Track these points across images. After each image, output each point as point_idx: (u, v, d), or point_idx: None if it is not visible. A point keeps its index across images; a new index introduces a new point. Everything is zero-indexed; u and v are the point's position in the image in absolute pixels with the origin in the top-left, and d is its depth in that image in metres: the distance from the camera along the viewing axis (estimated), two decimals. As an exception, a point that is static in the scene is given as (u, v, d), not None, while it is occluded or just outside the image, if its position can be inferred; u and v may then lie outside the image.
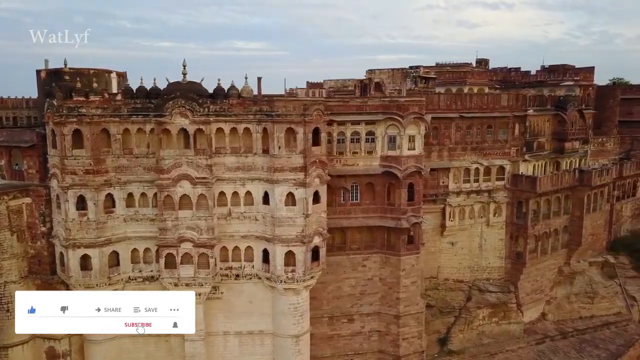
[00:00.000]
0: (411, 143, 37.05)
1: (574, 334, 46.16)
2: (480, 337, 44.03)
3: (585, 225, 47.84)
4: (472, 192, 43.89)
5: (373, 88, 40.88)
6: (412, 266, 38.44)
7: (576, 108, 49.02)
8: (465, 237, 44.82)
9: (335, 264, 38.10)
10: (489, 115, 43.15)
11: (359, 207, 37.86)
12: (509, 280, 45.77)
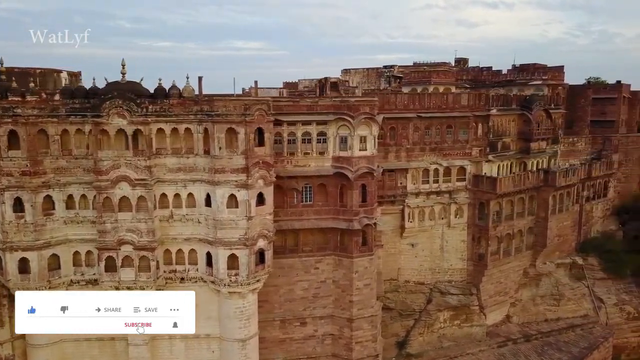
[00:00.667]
0: (363, 144, 36.42)
1: (537, 337, 45.58)
2: (440, 340, 43.46)
3: (551, 226, 47.24)
4: (431, 193, 43.30)
5: (329, 88, 40.24)
6: (366, 268, 37.82)
7: (542, 108, 48.38)
8: (425, 239, 44.22)
9: (287, 266, 37.55)
10: (449, 115, 42.54)
11: (311, 209, 37.25)
12: (472, 283, 45.18)
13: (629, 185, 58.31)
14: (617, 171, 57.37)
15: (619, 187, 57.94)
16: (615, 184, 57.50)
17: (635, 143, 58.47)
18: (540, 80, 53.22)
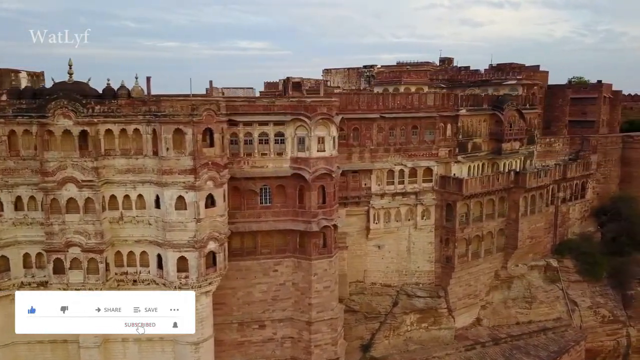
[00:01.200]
0: (321, 144, 35.93)
1: (507, 340, 44.95)
2: (407, 344, 42.92)
3: (522, 228, 46.59)
4: (397, 194, 42.74)
5: (290, 88, 39.76)
6: (325, 270, 37.32)
7: (514, 108, 47.66)
8: (392, 240, 43.69)
9: (245, 268, 37.17)
10: (414, 115, 41.96)
11: (269, 210, 36.79)
12: (439, 285, 44.64)
13: (608, 186, 57.54)
14: (595, 172, 56.61)
15: (597, 188, 57.18)
16: (593, 185, 56.74)
17: (614, 143, 57.70)
18: (514, 80, 52.54)
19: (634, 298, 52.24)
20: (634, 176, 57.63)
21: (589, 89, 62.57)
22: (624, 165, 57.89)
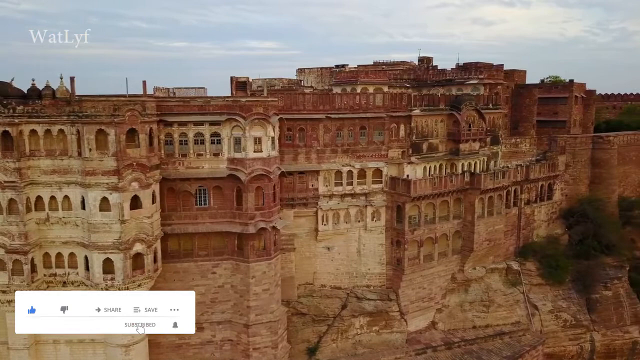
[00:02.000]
0: (257, 145, 35.49)
1: (460, 344, 44.10)
2: (355, 347, 42.25)
3: (478, 230, 45.74)
4: (346, 196, 42.10)
5: (235, 87, 39.28)
6: (264, 273, 36.85)
7: (472, 107, 46.76)
8: (342, 242, 43.05)
9: (182, 270, 36.86)
10: (361, 116, 41.27)
11: (206, 212, 36.43)
12: (391, 288, 43.91)
13: (577, 188, 56.39)
14: (563, 173, 55.49)
15: (566, 190, 56.05)
16: (562, 186, 55.63)
17: (584, 144, 56.50)
18: (476, 80, 51.62)
19: (599, 302, 51.22)
20: (603, 177, 56.46)
21: (560, 89, 61.39)
22: (594, 166, 56.70)
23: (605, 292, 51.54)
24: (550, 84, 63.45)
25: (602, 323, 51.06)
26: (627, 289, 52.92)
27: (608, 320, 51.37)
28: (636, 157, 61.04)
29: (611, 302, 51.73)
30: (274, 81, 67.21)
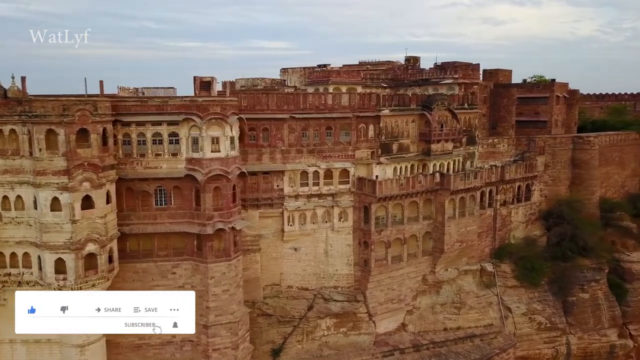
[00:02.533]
0: (215, 145, 35.33)
1: (429, 347, 43.67)
2: (321, 349, 41.97)
3: (449, 231, 45.25)
4: (312, 196, 41.83)
5: (198, 87, 39.09)
6: (223, 274, 36.65)
7: (444, 107, 46.35)
8: (309, 243, 42.77)
9: (142, 270, 36.78)
10: (327, 116, 40.98)
11: (165, 212, 36.33)
12: (359, 289, 43.55)
13: (557, 189, 55.68)
14: (542, 174, 54.83)
15: (546, 191, 55.36)
16: (541, 187, 54.97)
17: (564, 144, 55.76)
18: (451, 79, 51.13)
19: (576, 305, 50.53)
20: (584, 178, 55.70)
21: (541, 89, 60.65)
22: (574, 167, 55.96)
23: (583, 294, 50.83)
24: (532, 84, 62.71)
25: (578, 326, 50.39)
26: (605, 291, 52.15)
27: (585, 323, 50.68)
28: (619, 157, 60.24)
29: (588, 304, 51.02)
30: (257, 81, 67.20)
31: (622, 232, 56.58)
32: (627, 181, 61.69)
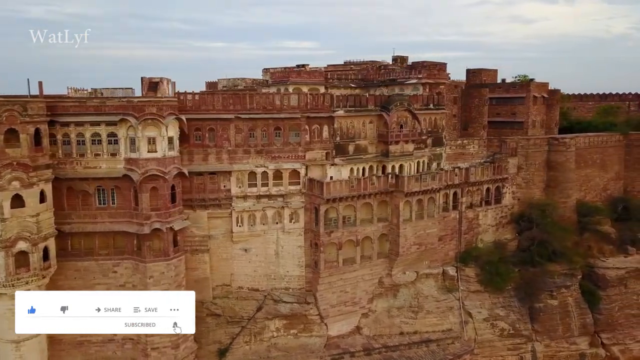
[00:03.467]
0: (152, 145, 35.65)
1: (381, 351, 43.03)
2: (269, 350, 41.79)
3: (405, 234, 44.46)
4: (262, 197, 41.63)
5: (146, 88, 39.43)
6: (162, 273, 36.93)
7: (404, 108, 45.55)
8: (259, 244, 42.61)
9: (83, 269, 37.40)
10: (275, 116, 40.75)
11: (105, 212, 36.87)
12: (310, 291, 43.18)
13: (530, 191, 54.12)
14: (515, 176, 53.42)
15: (519, 194, 53.90)
16: (513, 189, 53.56)
17: (538, 146, 54.18)
18: (415, 79, 50.26)
19: (543, 311, 49.06)
20: (559, 181, 54.03)
21: (518, 89, 59.07)
22: (549, 169, 54.36)
23: (551, 301, 49.32)
24: (508, 84, 61.11)
25: (545, 333, 48.92)
26: (576, 298, 50.48)
27: (553, 330, 49.14)
28: (600, 160, 58.22)
29: (557, 311, 49.47)
30: (237, 81, 67.33)
31: (599, 237, 54.66)
32: (609, 184, 59.53)
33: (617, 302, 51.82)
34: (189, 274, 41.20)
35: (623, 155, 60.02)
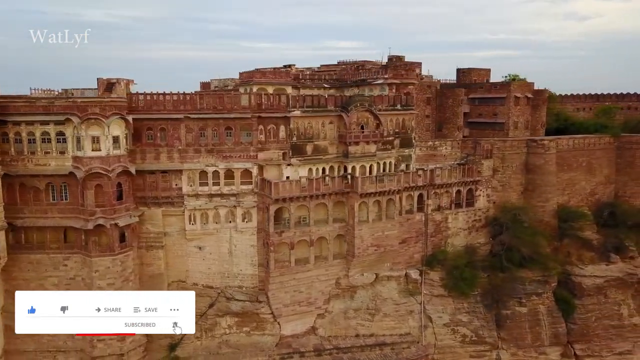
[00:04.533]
0: (96, 144, 36.92)
1: (332, 352, 42.90)
2: (220, 347, 42.42)
3: (361, 235, 44.12)
4: (215, 196, 42.28)
5: (102, 89, 40.86)
6: (108, 268, 38.19)
7: (364, 109, 45.16)
8: (213, 242, 43.28)
9: (36, 261, 39.14)
10: (225, 116, 41.30)
11: (55, 207, 38.44)
12: (263, 290, 43.52)
13: (507, 195, 52.44)
14: (490, 178, 51.91)
15: (494, 197, 52.35)
16: (488, 192, 52.06)
17: (515, 148, 52.45)
18: (382, 80, 49.65)
19: (510, 318, 47.48)
20: (537, 184, 52.11)
21: (499, 88, 57.22)
22: (528, 171, 52.53)
23: (519, 308, 47.69)
24: (490, 84, 59.25)
25: (513, 341, 47.38)
26: (549, 306, 48.58)
27: (521, 339, 47.55)
28: (587, 163, 55.69)
29: (526, 319, 47.79)
30: (227, 81, 68.35)
31: (580, 244, 52.35)
32: (598, 189, 56.83)
33: (594, 312, 49.52)
34: (144, 270, 42.53)
35: (614, 158, 57.14)
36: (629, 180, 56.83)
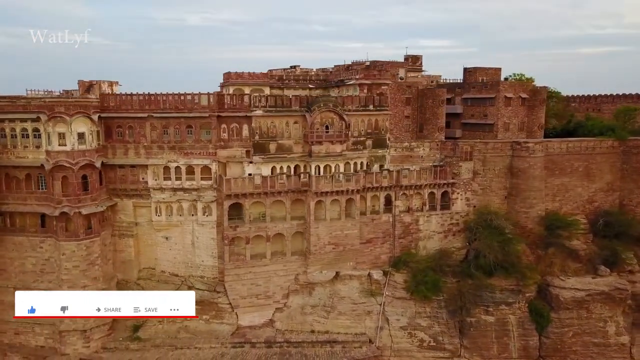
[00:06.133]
0: (62, 140, 41.01)
1: (282, 345, 44.06)
2: (179, 331, 45.14)
3: (317, 233, 45.05)
4: (177, 190, 45.13)
5: (82, 90, 45.14)
6: (73, 252, 42.23)
7: (328, 109, 45.82)
8: (178, 233, 46.24)
9: (18, 243, 44.16)
10: (186, 115, 43.90)
11: (33, 195, 43.12)
12: (222, 281, 45.75)
13: (488, 199, 50.53)
14: (470, 182, 50.35)
15: (474, 200, 50.69)
16: (467, 196, 50.53)
17: (498, 150, 50.33)
18: (353, 80, 49.76)
19: (474, 327, 45.89)
20: (521, 189, 49.71)
21: (489, 89, 54.68)
22: (512, 175, 50.26)
23: (485, 316, 45.95)
24: (481, 84, 56.67)
25: (476, 350, 45.78)
26: (521, 317, 46.29)
27: (486, 348, 45.85)
28: (584, 167, 51.97)
29: (492, 328, 45.95)
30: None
31: (566, 254, 49.16)
32: (597, 196, 52.79)
33: (572, 327, 46.40)
34: (117, 255, 46.54)
35: (619, 163, 52.83)
36: (636, 188, 52.31)
